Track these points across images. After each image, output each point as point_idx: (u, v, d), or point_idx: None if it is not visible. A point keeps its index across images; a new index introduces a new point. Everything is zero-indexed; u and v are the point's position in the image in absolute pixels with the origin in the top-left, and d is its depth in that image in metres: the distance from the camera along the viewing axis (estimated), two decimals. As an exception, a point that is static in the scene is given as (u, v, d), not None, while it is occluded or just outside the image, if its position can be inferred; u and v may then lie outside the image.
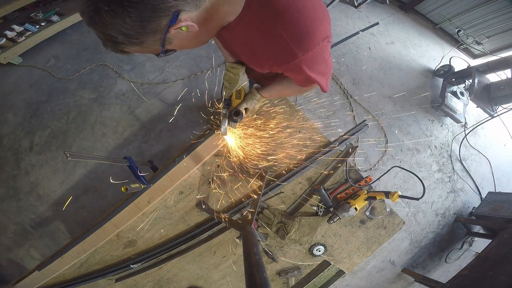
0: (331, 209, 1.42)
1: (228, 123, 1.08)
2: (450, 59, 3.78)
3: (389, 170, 1.51)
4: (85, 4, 0.54)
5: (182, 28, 0.62)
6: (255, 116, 1.34)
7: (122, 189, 1.16)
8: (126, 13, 0.53)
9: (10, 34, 2.44)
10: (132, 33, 0.57)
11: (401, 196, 1.27)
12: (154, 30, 0.59)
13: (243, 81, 1.11)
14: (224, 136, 1.15)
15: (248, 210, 1.39)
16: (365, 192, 1.42)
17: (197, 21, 0.64)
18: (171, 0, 0.55)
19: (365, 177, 1.48)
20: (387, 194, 1.32)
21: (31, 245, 2.31)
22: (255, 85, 1.17)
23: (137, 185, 1.27)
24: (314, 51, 0.71)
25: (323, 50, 0.75)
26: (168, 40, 0.64)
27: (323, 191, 1.41)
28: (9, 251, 2.29)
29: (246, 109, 1.11)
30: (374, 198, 1.39)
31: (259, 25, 0.70)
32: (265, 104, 1.38)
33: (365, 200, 1.40)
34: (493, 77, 3.37)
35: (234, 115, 1.05)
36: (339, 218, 1.38)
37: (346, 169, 1.45)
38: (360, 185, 1.44)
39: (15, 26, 2.47)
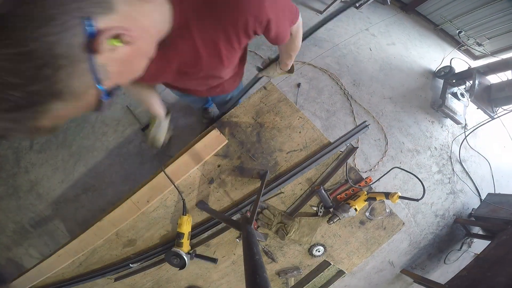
0: (331, 209, 1.42)
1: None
2: (450, 60, 3.78)
3: (389, 171, 1.50)
4: None
5: (114, 43, 0.40)
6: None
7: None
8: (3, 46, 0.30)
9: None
10: (40, 81, 0.33)
11: (401, 197, 1.27)
12: (70, 60, 0.34)
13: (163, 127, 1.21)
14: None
15: (248, 210, 1.40)
16: (365, 192, 1.42)
17: (125, 21, 0.42)
18: (67, 3, 0.33)
19: (365, 177, 1.48)
20: (387, 195, 1.32)
21: (30, 244, 2.31)
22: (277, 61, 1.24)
23: None
24: None
25: None
26: (102, 69, 0.40)
27: (323, 191, 1.41)
28: (8, 250, 2.30)
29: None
30: (374, 199, 1.39)
31: (208, 8, 0.59)
32: (262, 98, 1.41)
33: (365, 200, 1.40)
34: (493, 79, 3.37)
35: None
36: (339, 218, 1.38)
37: (346, 170, 1.45)
38: (360, 185, 1.44)
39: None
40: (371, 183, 1.46)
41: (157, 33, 0.54)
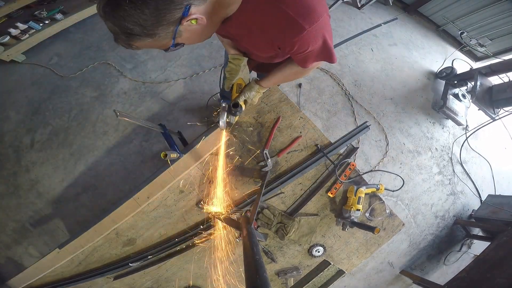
0: (338, 218, 1.45)
1: (227, 117, 1.09)
2: (452, 61, 3.77)
3: (360, 175, 1.51)
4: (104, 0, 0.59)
5: (192, 21, 0.68)
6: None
7: (162, 155, 1.24)
8: (145, 5, 0.58)
9: (14, 31, 2.45)
10: (149, 24, 0.62)
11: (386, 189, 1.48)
12: (168, 22, 0.64)
13: (244, 73, 1.12)
14: (222, 130, 1.17)
15: (248, 210, 1.40)
16: (353, 188, 1.43)
17: (205, 13, 0.69)
18: None
19: (348, 164, 1.47)
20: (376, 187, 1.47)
21: (30, 242, 2.31)
22: (254, 77, 1.18)
23: (175, 154, 1.32)
24: (319, 23, 0.74)
25: (326, 22, 0.78)
26: (179, 32, 0.70)
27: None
28: (7, 249, 2.30)
29: (245, 101, 1.12)
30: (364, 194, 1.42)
31: (262, 7, 0.74)
32: (262, 99, 1.40)
33: (354, 195, 1.41)
34: (495, 80, 3.36)
35: (233, 107, 1.06)
36: (348, 226, 1.40)
37: (336, 169, 1.45)
38: (346, 175, 1.44)
39: (19, 24, 2.48)
40: (354, 168, 1.47)
41: (221, 19, 0.79)
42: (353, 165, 1.46)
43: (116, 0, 0.58)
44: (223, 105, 1.10)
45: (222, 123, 1.09)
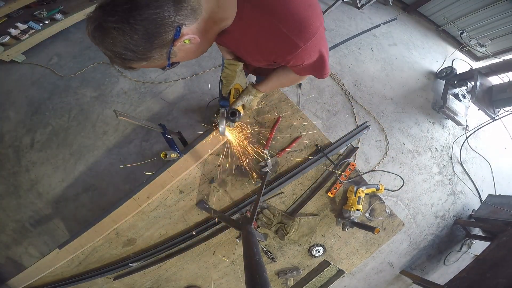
0: (338, 218, 1.45)
1: (226, 123, 1.09)
2: (452, 61, 3.77)
3: (367, 172, 1.51)
4: (92, 25, 0.58)
5: (185, 41, 0.67)
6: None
7: (162, 155, 1.26)
8: (133, 31, 0.56)
9: (13, 32, 2.45)
10: (140, 49, 0.61)
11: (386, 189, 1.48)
12: (160, 45, 0.62)
13: (241, 78, 1.11)
14: (222, 135, 1.16)
15: (248, 210, 1.40)
16: (353, 188, 1.43)
17: (197, 32, 0.68)
18: (173, 15, 0.59)
19: (348, 164, 1.47)
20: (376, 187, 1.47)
21: (30, 242, 2.31)
22: (251, 81, 1.17)
23: (175, 154, 1.32)
24: (314, 39, 0.73)
25: (321, 36, 0.77)
26: (173, 53, 0.69)
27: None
28: (7, 249, 2.30)
29: (243, 106, 1.12)
30: (361, 191, 1.42)
31: (256, 24, 0.72)
32: (262, 98, 1.39)
33: (355, 195, 1.41)
34: (495, 80, 3.36)
35: (231, 115, 1.06)
36: (348, 226, 1.40)
37: (336, 169, 1.45)
38: (346, 175, 1.44)
39: (19, 24, 2.47)
40: (355, 171, 1.47)
41: (215, 35, 0.77)
42: (353, 165, 1.46)
43: (104, 26, 0.56)
44: (222, 111, 1.09)
45: (221, 129, 1.09)
